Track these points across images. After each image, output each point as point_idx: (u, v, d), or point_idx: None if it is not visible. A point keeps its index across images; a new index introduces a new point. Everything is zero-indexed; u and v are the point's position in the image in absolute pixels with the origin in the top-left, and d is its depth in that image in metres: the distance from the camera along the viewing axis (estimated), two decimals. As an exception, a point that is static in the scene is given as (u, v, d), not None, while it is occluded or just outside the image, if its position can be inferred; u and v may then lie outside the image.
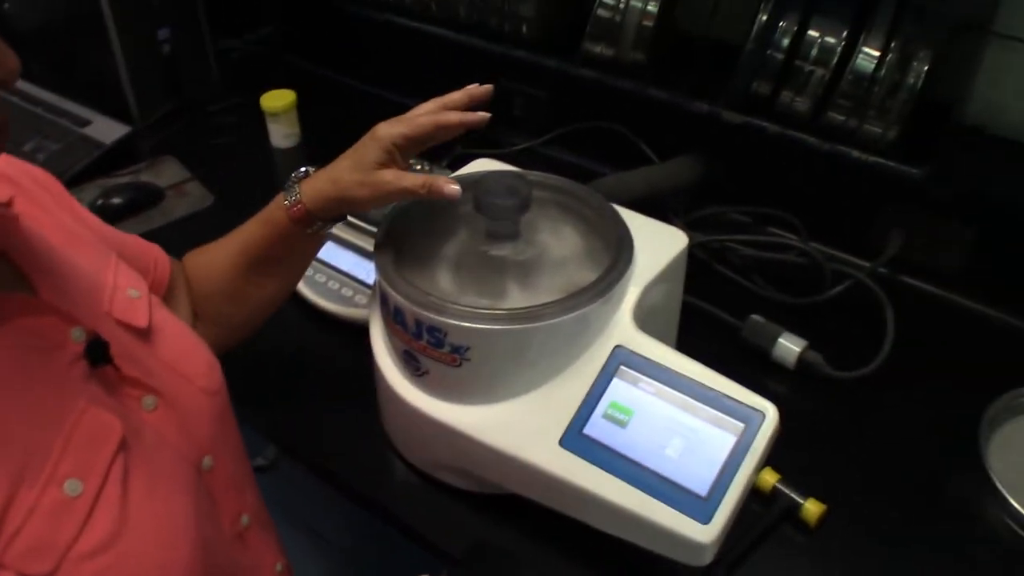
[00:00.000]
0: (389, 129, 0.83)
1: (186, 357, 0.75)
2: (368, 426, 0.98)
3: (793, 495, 0.90)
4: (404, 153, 0.84)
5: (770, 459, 0.92)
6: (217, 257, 0.92)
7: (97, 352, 0.65)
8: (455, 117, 0.84)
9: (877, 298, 1.07)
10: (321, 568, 1.30)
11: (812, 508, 0.89)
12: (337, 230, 1.15)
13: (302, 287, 1.11)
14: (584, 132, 1.38)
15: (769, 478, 0.91)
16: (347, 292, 1.10)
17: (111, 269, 0.75)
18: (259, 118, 1.45)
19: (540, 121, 1.42)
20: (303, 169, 0.88)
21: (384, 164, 0.82)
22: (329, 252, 1.14)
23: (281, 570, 0.84)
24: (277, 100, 1.40)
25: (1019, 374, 1.01)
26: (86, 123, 1.49)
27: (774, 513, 0.89)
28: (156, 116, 1.53)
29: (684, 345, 0.92)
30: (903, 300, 1.12)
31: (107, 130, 1.47)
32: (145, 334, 0.72)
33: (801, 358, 1.04)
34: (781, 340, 1.05)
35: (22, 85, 1.57)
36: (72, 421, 0.60)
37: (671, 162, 1.23)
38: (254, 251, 0.89)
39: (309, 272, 1.12)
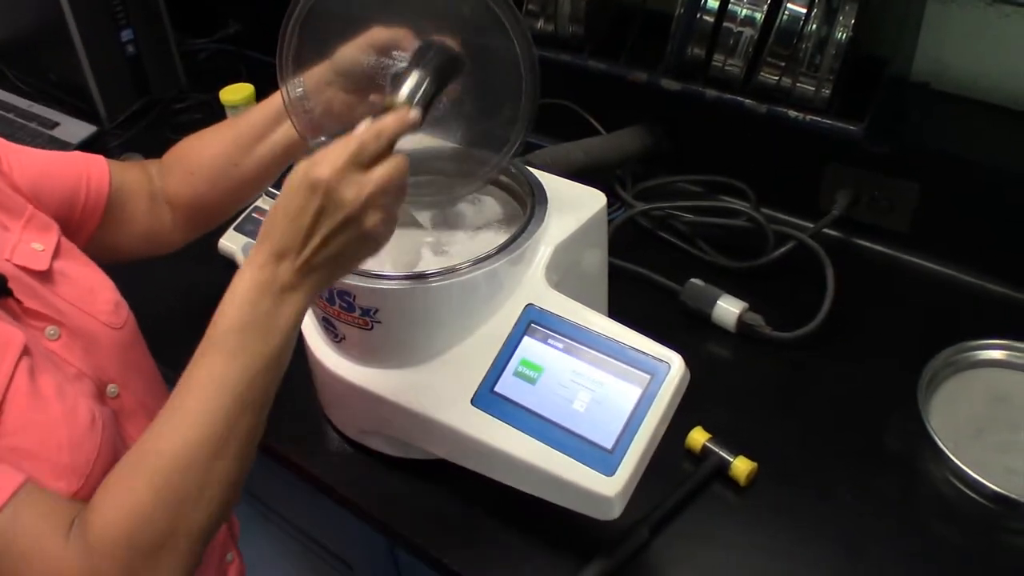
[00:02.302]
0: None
1: (89, 296, 0.81)
2: (307, 399, 0.99)
3: (723, 453, 0.89)
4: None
5: (705, 419, 0.91)
6: (214, 136, 0.99)
7: None
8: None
9: (819, 258, 1.05)
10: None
11: (741, 466, 0.88)
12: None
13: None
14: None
15: (699, 437, 0.90)
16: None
17: (18, 227, 0.80)
18: (222, 113, 1.46)
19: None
20: None
21: None
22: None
23: None
24: (236, 93, 1.42)
25: (961, 329, 0.99)
26: (55, 125, 1.52)
27: (702, 472, 0.88)
28: (123, 116, 1.56)
29: (621, 310, 0.92)
30: (850, 260, 1.11)
31: (75, 130, 1.51)
32: (46, 276, 0.78)
33: (741, 320, 1.03)
34: (720, 303, 1.04)
35: (-5, 93, 1.61)
36: None
37: (614, 133, 1.23)
38: (250, 134, 0.94)
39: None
